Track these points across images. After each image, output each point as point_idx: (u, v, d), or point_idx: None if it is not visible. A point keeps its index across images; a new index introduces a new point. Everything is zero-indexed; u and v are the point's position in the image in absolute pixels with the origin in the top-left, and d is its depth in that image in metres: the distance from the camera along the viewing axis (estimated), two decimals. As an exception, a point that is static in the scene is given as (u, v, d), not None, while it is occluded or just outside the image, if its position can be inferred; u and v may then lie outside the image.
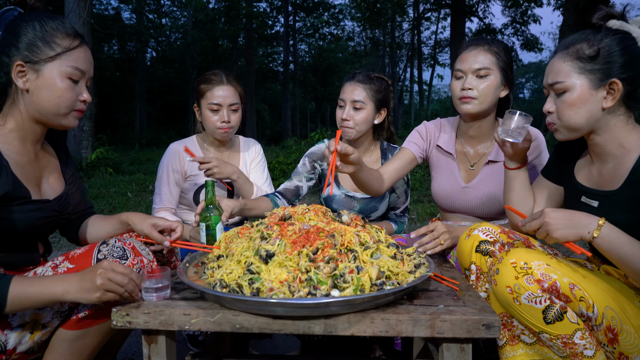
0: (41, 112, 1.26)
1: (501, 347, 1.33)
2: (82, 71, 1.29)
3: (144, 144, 18.00)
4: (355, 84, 2.03)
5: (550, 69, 1.34)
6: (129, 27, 23.34)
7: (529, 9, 18.90)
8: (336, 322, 1.04)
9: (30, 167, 1.31)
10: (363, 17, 20.53)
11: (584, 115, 1.28)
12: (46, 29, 1.24)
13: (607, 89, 1.26)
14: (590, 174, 1.40)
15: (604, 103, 1.27)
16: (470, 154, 1.94)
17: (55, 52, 1.24)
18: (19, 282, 1.08)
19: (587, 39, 1.29)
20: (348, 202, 2.16)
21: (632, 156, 1.27)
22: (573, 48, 1.29)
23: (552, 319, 1.16)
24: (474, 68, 1.74)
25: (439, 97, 45.53)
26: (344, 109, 2.04)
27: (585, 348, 1.17)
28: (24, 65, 1.22)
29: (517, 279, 1.17)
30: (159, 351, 1.14)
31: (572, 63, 1.29)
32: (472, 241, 1.42)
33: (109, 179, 7.81)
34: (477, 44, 1.78)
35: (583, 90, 1.27)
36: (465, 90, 1.75)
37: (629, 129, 1.29)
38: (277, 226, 1.21)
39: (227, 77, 2.09)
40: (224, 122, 2.06)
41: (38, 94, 1.24)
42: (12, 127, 1.28)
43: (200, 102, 2.11)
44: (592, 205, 1.35)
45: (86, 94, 1.32)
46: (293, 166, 7.85)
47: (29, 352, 1.22)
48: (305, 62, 30.99)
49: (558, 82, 1.30)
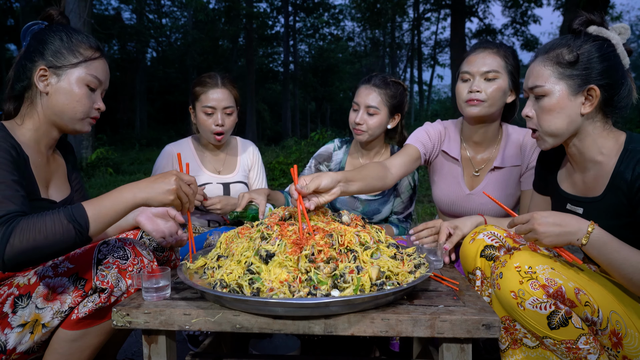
0: (58, 115, 1.33)
1: (503, 351, 1.32)
2: (99, 80, 1.38)
3: (144, 144, 18.01)
4: (370, 88, 2.01)
5: (530, 73, 1.35)
6: (129, 27, 23.36)
7: (529, 9, 18.94)
8: (336, 322, 1.04)
9: (42, 169, 1.36)
10: (363, 18, 20.57)
11: (563, 121, 1.29)
12: (72, 40, 1.34)
13: (585, 95, 1.27)
14: (573, 181, 1.40)
15: (582, 109, 1.28)
16: (475, 160, 1.91)
17: (78, 60, 1.33)
18: (91, 203, 1.12)
19: (567, 44, 1.29)
20: (351, 203, 2.16)
21: (611, 161, 1.28)
22: (553, 53, 1.30)
23: (557, 325, 1.15)
24: (482, 70, 1.72)
25: (438, 97, 45.50)
26: (357, 113, 2.03)
27: (589, 352, 1.17)
28: (47, 70, 1.31)
29: (521, 284, 1.16)
30: (159, 351, 1.14)
31: (552, 68, 1.29)
32: (477, 245, 1.39)
33: (109, 179, 7.82)
34: (486, 46, 1.76)
35: (562, 95, 1.28)
36: (473, 93, 1.72)
37: (605, 135, 1.30)
38: (277, 226, 1.22)
39: (222, 80, 2.09)
40: (217, 125, 2.06)
41: (57, 97, 1.32)
42: (30, 128, 1.34)
43: (195, 105, 2.11)
44: (577, 212, 1.35)
45: (101, 103, 1.41)
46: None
47: (29, 352, 1.22)
48: (305, 62, 30.98)
49: (537, 86, 1.31)
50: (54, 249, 1.06)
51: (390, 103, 2.03)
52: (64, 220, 1.06)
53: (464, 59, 1.81)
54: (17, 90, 1.34)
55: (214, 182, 2.16)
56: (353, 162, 2.21)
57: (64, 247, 1.07)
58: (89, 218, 1.09)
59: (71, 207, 1.09)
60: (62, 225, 1.06)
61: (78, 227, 1.07)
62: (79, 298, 1.21)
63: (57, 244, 1.06)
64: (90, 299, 1.21)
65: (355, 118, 2.03)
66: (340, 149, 2.22)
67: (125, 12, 24.83)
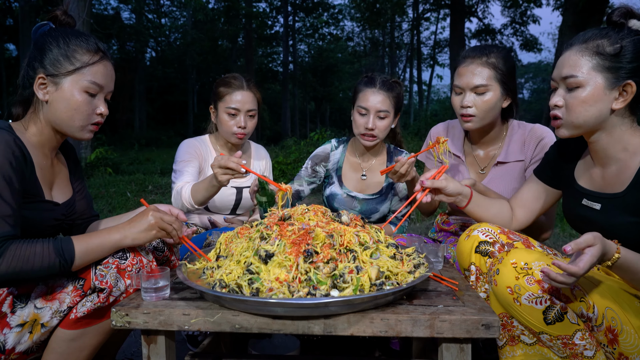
0: (57, 123, 1.32)
1: (501, 347, 1.33)
2: (99, 85, 1.34)
3: (144, 144, 17.99)
4: (378, 91, 1.99)
5: (565, 62, 1.28)
6: (128, 27, 23.34)
7: (528, 9, 18.94)
8: (336, 322, 1.04)
9: (46, 171, 1.36)
10: (363, 18, 20.56)
11: (593, 114, 1.24)
12: (68, 45, 1.31)
13: (620, 90, 1.23)
14: (592, 176, 1.38)
15: (614, 104, 1.23)
16: (480, 157, 1.93)
17: (75, 67, 1.30)
18: (80, 239, 1.19)
19: (608, 35, 1.23)
20: (349, 202, 2.16)
21: (636, 159, 1.25)
22: (593, 43, 1.24)
23: (553, 320, 1.16)
24: (472, 85, 1.71)
25: (438, 97, 45.50)
26: (366, 117, 2.00)
27: (585, 348, 1.17)
28: (45, 78, 1.29)
29: (517, 280, 1.17)
30: (159, 351, 1.14)
31: (591, 58, 1.23)
32: (472, 242, 1.41)
33: (109, 179, 7.80)
34: (474, 56, 1.73)
35: (597, 88, 1.23)
36: (464, 108, 1.73)
37: (632, 132, 1.27)
38: (277, 226, 1.21)
39: (248, 83, 2.08)
40: (240, 127, 2.04)
41: (56, 105, 1.30)
42: (34, 132, 1.34)
43: (217, 105, 2.08)
44: (595, 208, 1.33)
45: (103, 107, 1.37)
46: (292, 166, 7.86)
47: (28, 352, 1.22)
48: (304, 62, 30.99)
49: (573, 75, 1.25)
50: (35, 275, 1.13)
51: (396, 105, 2.04)
52: (52, 254, 1.13)
53: (457, 67, 1.80)
54: (24, 96, 1.34)
55: (228, 185, 2.15)
56: (351, 161, 2.21)
57: (45, 275, 1.15)
58: (76, 255, 1.16)
59: (61, 241, 1.16)
60: (50, 259, 1.13)
61: (63, 262, 1.14)
62: (77, 298, 1.21)
63: (40, 273, 1.13)
64: (89, 299, 1.21)
65: (367, 123, 1.99)
66: (337, 148, 2.22)
67: (125, 11, 24.84)
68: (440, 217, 2.15)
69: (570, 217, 1.44)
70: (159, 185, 7.51)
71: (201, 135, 2.24)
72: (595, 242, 1.06)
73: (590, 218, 1.34)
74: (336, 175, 2.20)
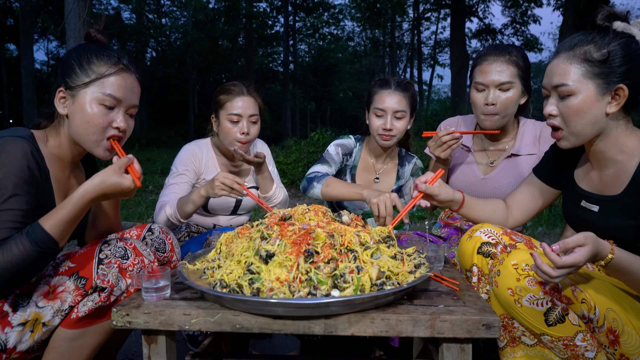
0: (75, 137, 1.31)
1: (502, 348, 1.32)
2: (116, 98, 1.29)
3: (144, 143, 17.99)
4: (394, 92, 2.00)
5: (554, 70, 1.27)
6: (128, 27, 23.33)
7: (528, 9, 18.92)
8: (336, 322, 1.04)
9: (62, 183, 1.36)
10: (363, 17, 20.54)
11: (589, 121, 1.24)
12: (87, 58, 1.29)
13: (612, 95, 1.22)
14: (590, 178, 1.38)
15: (608, 108, 1.23)
16: (490, 150, 1.96)
17: (90, 79, 1.27)
18: (47, 216, 1.14)
19: (594, 40, 1.22)
20: (359, 202, 2.15)
21: (633, 161, 1.25)
22: (579, 50, 1.23)
23: (554, 321, 1.15)
24: (498, 82, 1.73)
25: (438, 97, 45.49)
26: (383, 119, 2.01)
27: (587, 350, 1.17)
28: (65, 92, 1.29)
29: (518, 281, 1.17)
30: (159, 351, 1.14)
31: (580, 66, 1.22)
32: (474, 243, 1.40)
33: (109, 179, 7.79)
34: (497, 54, 1.75)
35: (589, 95, 1.22)
36: (489, 106, 1.75)
37: (627, 133, 1.27)
38: (277, 226, 1.22)
39: (248, 88, 2.06)
40: (243, 133, 2.01)
41: (73, 118, 1.29)
42: (53, 145, 1.34)
43: (219, 113, 2.05)
44: (593, 209, 1.33)
45: (122, 121, 1.31)
46: (293, 166, 7.85)
47: (29, 351, 1.22)
48: (305, 62, 30.96)
49: (564, 84, 1.24)
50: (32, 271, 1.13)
51: (412, 105, 2.05)
52: (28, 248, 1.09)
53: (477, 65, 1.81)
54: (50, 110, 1.34)
55: None
56: (365, 162, 2.22)
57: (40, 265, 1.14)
58: (49, 231, 1.12)
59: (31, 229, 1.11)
60: (30, 253, 1.09)
61: (44, 247, 1.11)
62: (79, 297, 1.21)
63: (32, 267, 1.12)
64: (90, 298, 1.21)
65: (385, 124, 2.00)
66: (356, 146, 2.23)
67: (125, 11, 24.84)
68: (445, 212, 2.15)
69: (570, 218, 1.44)
70: (159, 185, 7.51)
71: (203, 139, 2.21)
72: (587, 242, 1.06)
73: (588, 220, 1.34)
74: (350, 174, 2.20)
